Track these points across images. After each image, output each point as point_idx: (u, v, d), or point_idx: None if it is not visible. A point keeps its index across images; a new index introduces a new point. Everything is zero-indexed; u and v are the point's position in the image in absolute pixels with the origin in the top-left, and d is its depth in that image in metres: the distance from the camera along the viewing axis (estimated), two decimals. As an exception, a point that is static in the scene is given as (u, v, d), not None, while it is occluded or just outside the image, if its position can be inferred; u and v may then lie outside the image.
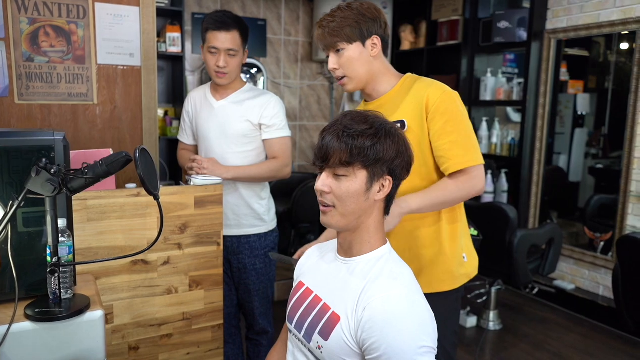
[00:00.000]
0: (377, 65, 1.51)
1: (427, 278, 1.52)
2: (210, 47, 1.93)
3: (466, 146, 1.44)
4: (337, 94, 4.70)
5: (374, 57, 1.50)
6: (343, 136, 1.03)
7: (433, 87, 1.47)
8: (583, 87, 4.40)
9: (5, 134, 1.30)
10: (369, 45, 1.48)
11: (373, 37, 1.48)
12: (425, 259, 1.53)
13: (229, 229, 1.99)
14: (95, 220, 1.54)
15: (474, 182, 1.43)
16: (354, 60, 1.47)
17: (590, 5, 3.39)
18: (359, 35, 1.46)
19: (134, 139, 2.41)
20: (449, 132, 1.43)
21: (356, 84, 1.52)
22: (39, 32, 2.14)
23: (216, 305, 1.77)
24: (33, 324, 1.16)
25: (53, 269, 1.20)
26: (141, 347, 1.66)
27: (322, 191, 1.07)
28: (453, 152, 1.44)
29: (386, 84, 1.53)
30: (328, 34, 1.47)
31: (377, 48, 1.49)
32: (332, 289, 1.11)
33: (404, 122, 1.50)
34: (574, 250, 3.62)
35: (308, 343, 1.10)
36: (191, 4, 3.98)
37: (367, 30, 1.47)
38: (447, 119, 1.43)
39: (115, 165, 1.19)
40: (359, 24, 1.46)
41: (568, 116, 4.40)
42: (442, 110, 1.43)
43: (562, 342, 3.03)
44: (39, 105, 2.18)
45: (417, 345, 0.95)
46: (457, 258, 1.54)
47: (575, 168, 4.34)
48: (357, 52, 1.47)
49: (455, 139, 1.43)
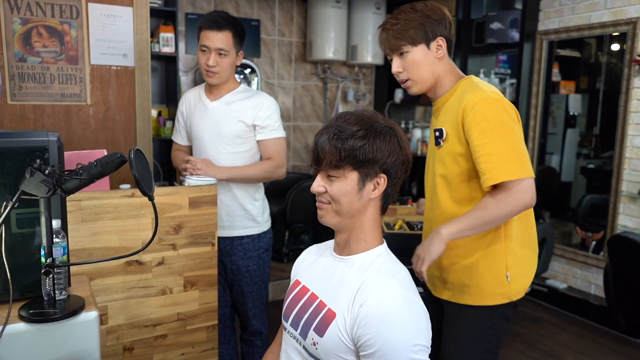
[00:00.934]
0: (442, 67, 1.47)
1: (458, 288, 1.50)
2: (202, 46, 1.94)
3: (505, 158, 1.33)
4: (331, 95, 4.71)
5: (439, 59, 1.46)
6: (333, 139, 1.05)
7: (474, 93, 1.39)
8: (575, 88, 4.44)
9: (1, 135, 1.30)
10: (434, 47, 1.44)
11: (438, 38, 1.44)
12: (457, 269, 1.49)
13: (222, 230, 1.98)
14: (90, 221, 1.54)
15: (516, 196, 1.33)
16: (418, 62, 1.44)
17: (581, 7, 3.42)
18: (423, 37, 1.43)
19: (128, 140, 2.40)
20: (485, 143, 1.34)
21: (420, 87, 1.49)
22: (32, 32, 2.13)
23: (211, 306, 1.77)
24: (27, 325, 1.16)
25: (47, 270, 1.20)
26: (136, 348, 1.66)
27: (318, 192, 1.09)
28: (488, 166, 1.34)
29: (446, 86, 1.49)
30: (392, 37, 1.44)
31: (442, 50, 1.45)
32: (328, 286, 1.12)
33: (442, 131, 1.46)
34: (566, 249, 3.65)
35: (304, 340, 1.10)
36: (184, 4, 3.97)
37: (431, 31, 1.43)
38: (482, 129, 1.34)
39: (109, 166, 1.19)
40: (423, 25, 1.42)
41: (560, 116, 4.44)
42: (478, 118, 1.34)
43: (555, 340, 3.05)
44: (32, 105, 2.17)
45: (412, 343, 0.96)
46: (494, 275, 1.46)
47: (567, 168, 4.37)
48: (422, 54, 1.44)
49: (491, 150, 1.33)
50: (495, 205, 1.34)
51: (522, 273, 1.50)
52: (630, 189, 3.25)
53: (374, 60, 4.39)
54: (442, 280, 1.55)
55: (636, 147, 3.21)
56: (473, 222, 1.37)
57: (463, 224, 1.37)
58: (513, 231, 1.48)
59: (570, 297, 3.49)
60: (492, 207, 1.35)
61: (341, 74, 4.70)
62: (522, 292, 1.51)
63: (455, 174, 1.45)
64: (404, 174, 1.13)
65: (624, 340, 3.05)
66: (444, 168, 1.48)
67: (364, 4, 4.29)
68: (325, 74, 4.59)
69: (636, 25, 3.13)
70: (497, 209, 1.34)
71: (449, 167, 1.46)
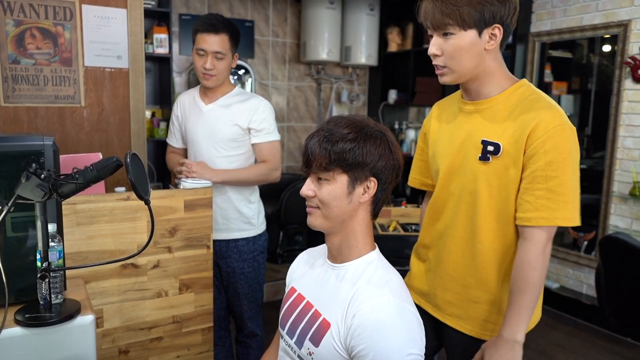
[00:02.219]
0: (489, 62, 1.22)
1: (473, 322, 1.34)
2: (198, 49, 1.94)
3: (562, 199, 1.14)
4: (325, 95, 4.71)
5: (488, 50, 1.20)
6: (323, 142, 1.05)
7: (548, 113, 1.16)
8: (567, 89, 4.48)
9: (-6, 139, 1.30)
10: (487, 35, 1.18)
11: (495, 25, 1.17)
12: (471, 301, 1.34)
13: (217, 232, 1.99)
14: (85, 224, 1.54)
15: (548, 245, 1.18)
16: (463, 51, 1.18)
17: (573, 9, 3.45)
18: (477, 21, 1.15)
19: (122, 142, 2.40)
20: (550, 176, 1.14)
21: (457, 77, 1.24)
22: (25, 34, 2.13)
23: (206, 308, 1.77)
24: (23, 329, 1.16)
25: (43, 274, 1.20)
26: (131, 351, 1.66)
27: (307, 195, 1.09)
28: (543, 202, 1.15)
29: (494, 85, 1.25)
30: (439, 10, 1.17)
31: (495, 40, 1.19)
32: (323, 295, 1.12)
33: (499, 146, 1.21)
34: (558, 249, 3.68)
35: (299, 349, 1.11)
36: (178, 5, 3.97)
37: (490, 15, 1.15)
38: (551, 159, 1.14)
39: (106, 170, 1.20)
40: (482, 5, 1.14)
41: (552, 117, 4.48)
42: (549, 146, 1.14)
43: (547, 340, 3.08)
44: (26, 107, 2.16)
45: (405, 353, 0.96)
46: (503, 311, 1.30)
47: (560, 168, 4.41)
48: (469, 41, 1.17)
49: (553, 186, 1.14)
50: (543, 262, 1.18)
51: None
52: (621, 189, 3.28)
53: (367, 61, 4.40)
54: (460, 309, 1.38)
55: (627, 148, 3.25)
56: (531, 303, 1.18)
57: (524, 313, 1.18)
58: None
59: (563, 297, 3.52)
60: (542, 264, 1.17)
61: (335, 75, 4.71)
62: (534, 323, 1.35)
63: (510, 202, 1.23)
64: (395, 179, 1.12)
65: (615, 339, 3.09)
66: (491, 191, 1.25)
67: (357, 5, 4.30)
68: (319, 75, 4.59)
69: (627, 28, 3.16)
70: (543, 268, 1.18)
71: (500, 191, 1.24)
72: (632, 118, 3.21)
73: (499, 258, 1.29)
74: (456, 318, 1.38)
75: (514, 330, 1.18)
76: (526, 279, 1.18)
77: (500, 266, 1.29)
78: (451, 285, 1.37)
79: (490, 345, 1.23)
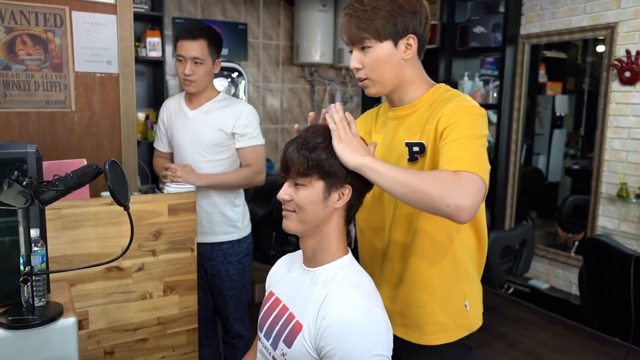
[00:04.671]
0: (408, 70, 1.25)
1: (417, 329, 1.31)
2: (178, 55, 1.99)
3: (472, 154, 1.10)
4: (318, 97, 4.75)
5: (406, 60, 1.24)
6: (301, 149, 1.10)
7: (454, 101, 1.19)
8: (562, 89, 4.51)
9: (-22, 147, 1.34)
10: (402, 45, 1.22)
11: (409, 36, 1.21)
12: (415, 305, 1.31)
13: (202, 236, 2.02)
14: (70, 228, 1.58)
15: (459, 189, 1.04)
16: (381, 62, 1.22)
17: (561, 12, 3.48)
18: (391, 33, 1.20)
19: (113, 146, 2.43)
20: (458, 139, 1.12)
21: (379, 88, 1.27)
22: (16, 40, 2.16)
23: (190, 310, 1.81)
24: (6, 331, 1.19)
25: (25, 277, 1.23)
26: (116, 352, 1.70)
27: (284, 199, 1.13)
28: (452, 153, 1.11)
29: (415, 92, 1.28)
30: (354, 26, 1.21)
31: (411, 49, 1.23)
32: (297, 298, 1.16)
33: (424, 145, 1.23)
34: (549, 250, 3.72)
35: (274, 351, 1.14)
36: (171, 9, 4.01)
37: (403, 26, 1.20)
38: (457, 127, 1.14)
39: (85, 177, 1.23)
40: (394, 18, 1.19)
41: (547, 117, 4.50)
42: (454, 120, 1.15)
43: (535, 340, 3.11)
44: (17, 112, 2.20)
45: (371, 354, 1.00)
46: (452, 305, 1.30)
47: (555, 168, 4.44)
48: (386, 52, 1.21)
49: (462, 142, 1.12)
50: (432, 179, 1.07)
51: (476, 299, 1.36)
52: (609, 190, 3.31)
53: (360, 64, 4.43)
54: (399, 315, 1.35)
55: (615, 149, 3.28)
56: (398, 175, 1.09)
57: (389, 168, 1.11)
58: (466, 255, 1.31)
59: (552, 297, 3.55)
60: (429, 178, 1.07)
61: (328, 77, 4.75)
62: (481, 319, 1.36)
63: None
64: (370, 186, 1.16)
65: (602, 339, 3.12)
66: None
67: (350, 7, 4.33)
68: (312, 77, 4.63)
69: (614, 30, 3.19)
70: (430, 185, 1.06)
71: None
72: (619, 120, 3.24)
73: (434, 258, 1.28)
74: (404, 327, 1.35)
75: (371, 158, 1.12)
76: (426, 175, 1.10)
77: (436, 264, 1.29)
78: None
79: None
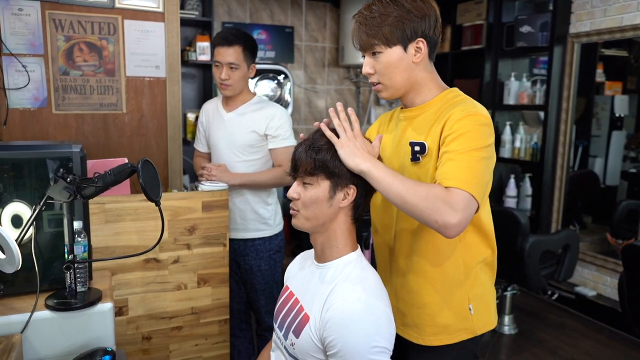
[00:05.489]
0: (419, 73, 1.27)
1: (417, 329, 1.34)
2: (215, 61, 2.10)
3: (467, 170, 1.12)
4: (364, 98, 4.79)
5: (417, 63, 1.25)
6: (309, 150, 1.17)
7: (461, 106, 1.21)
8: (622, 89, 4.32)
9: (32, 147, 1.49)
10: (412, 49, 1.24)
11: (418, 39, 1.23)
12: (417, 305, 1.34)
13: (236, 232, 2.13)
14: (112, 222, 1.72)
15: (447, 207, 1.07)
16: (392, 66, 1.24)
17: (613, 9, 3.35)
18: (400, 38, 1.22)
19: (160, 145, 2.60)
20: (456, 151, 1.14)
21: (392, 92, 1.29)
22: (74, 48, 2.36)
23: (222, 302, 1.92)
24: (51, 312, 1.34)
25: (68, 265, 1.37)
26: (153, 338, 1.83)
27: (292, 197, 1.20)
28: (447, 167, 1.14)
29: (426, 94, 1.30)
30: (364, 33, 1.24)
31: (421, 53, 1.24)
32: (308, 292, 1.23)
33: (424, 145, 1.25)
34: (596, 256, 3.58)
35: (285, 341, 1.22)
36: (221, 14, 4.17)
37: (411, 31, 1.22)
38: (458, 137, 1.16)
39: (121, 175, 1.35)
40: (402, 23, 1.21)
41: (605, 118, 4.33)
42: (457, 129, 1.16)
43: (577, 348, 3.02)
44: (74, 114, 2.40)
45: (371, 345, 1.05)
46: (454, 308, 1.30)
47: (613, 172, 4.25)
48: (396, 57, 1.23)
49: (459, 156, 1.14)
50: (425, 194, 1.09)
51: (485, 304, 1.35)
52: (662, 196, 3.16)
53: (405, 65, 4.43)
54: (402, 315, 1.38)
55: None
56: (392, 183, 1.12)
57: (387, 174, 1.14)
58: (472, 260, 1.32)
59: (599, 305, 3.43)
60: (422, 191, 1.10)
61: (374, 78, 4.77)
62: (487, 325, 1.35)
63: None
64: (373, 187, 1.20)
65: (651, 350, 2.99)
66: None
67: (395, 9, 4.34)
68: (357, 78, 4.68)
69: (670, 28, 3.04)
70: (421, 199, 1.09)
71: None
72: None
73: (437, 259, 1.30)
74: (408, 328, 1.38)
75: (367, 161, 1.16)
76: (420, 189, 1.11)
77: (439, 266, 1.30)
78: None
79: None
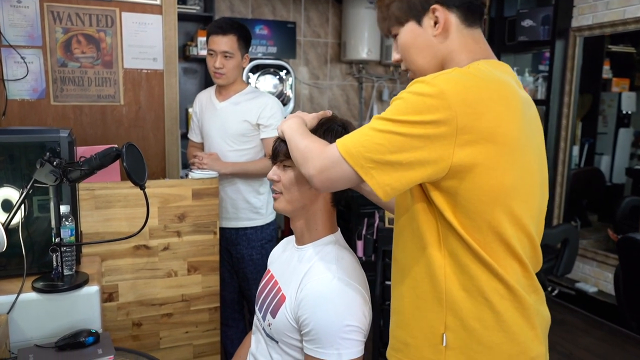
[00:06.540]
0: (448, 46, 1.03)
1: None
2: (209, 50, 2.11)
3: (356, 134, 0.95)
4: (366, 94, 4.78)
5: (438, 36, 1.02)
6: None
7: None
8: (629, 85, 4.27)
9: (22, 132, 1.52)
10: (428, 21, 1.02)
11: (432, 7, 1.01)
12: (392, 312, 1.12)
13: (227, 221, 2.15)
14: (102, 208, 1.73)
15: (314, 160, 0.98)
16: (408, 46, 1.05)
17: (615, 2, 3.32)
18: (409, 12, 1.03)
19: (157, 137, 2.62)
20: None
21: (420, 76, 0.98)
22: (72, 40, 2.38)
23: (212, 289, 1.93)
24: (37, 294, 1.36)
25: (54, 247, 1.39)
26: (144, 324, 1.84)
27: (272, 179, 1.20)
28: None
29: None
30: (379, 18, 1.11)
31: (440, 23, 1.01)
32: (286, 274, 1.24)
33: None
34: (597, 252, 3.55)
35: (263, 322, 1.23)
36: (223, 9, 4.19)
37: (420, 2, 1.02)
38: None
39: (107, 159, 1.37)
40: None
41: (612, 115, 4.29)
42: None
43: (576, 344, 2.99)
44: (72, 106, 2.42)
45: (342, 324, 1.06)
46: (425, 334, 1.00)
47: (619, 169, 4.22)
48: (411, 34, 1.04)
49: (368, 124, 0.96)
50: (303, 148, 1.03)
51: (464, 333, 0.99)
52: (664, 190, 3.13)
53: (408, 60, 4.42)
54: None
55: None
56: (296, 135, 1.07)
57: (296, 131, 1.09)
58: (449, 278, 0.97)
59: (599, 301, 3.39)
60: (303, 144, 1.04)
61: (377, 74, 4.77)
62: None
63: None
64: None
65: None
66: None
67: (397, 4, 4.33)
68: (360, 74, 4.67)
69: (672, 21, 3.01)
70: (299, 151, 1.04)
71: None
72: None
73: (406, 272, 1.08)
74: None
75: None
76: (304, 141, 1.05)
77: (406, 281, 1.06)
78: None
79: None
